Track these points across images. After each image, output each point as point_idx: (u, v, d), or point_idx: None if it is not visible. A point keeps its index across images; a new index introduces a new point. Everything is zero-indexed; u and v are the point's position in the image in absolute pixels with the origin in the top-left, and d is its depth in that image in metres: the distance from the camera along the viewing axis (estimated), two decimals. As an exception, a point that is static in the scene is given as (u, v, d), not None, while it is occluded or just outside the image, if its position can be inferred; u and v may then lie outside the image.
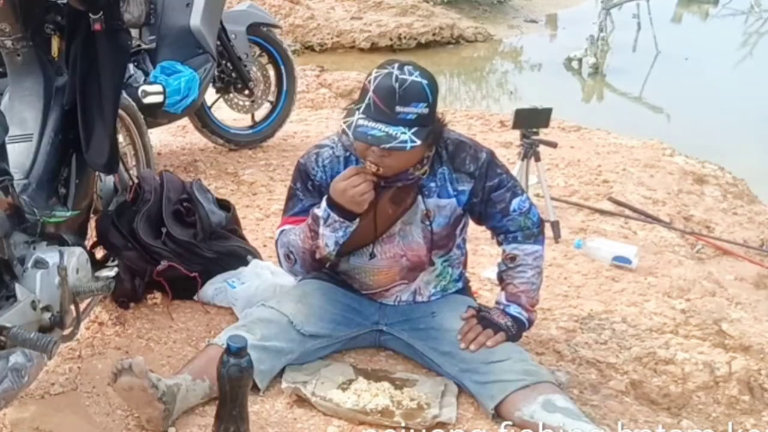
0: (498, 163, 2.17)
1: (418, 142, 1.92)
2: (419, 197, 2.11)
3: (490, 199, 2.14)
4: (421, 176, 2.09)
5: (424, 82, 1.95)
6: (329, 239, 2.06)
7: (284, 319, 2.15)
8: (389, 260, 2.18)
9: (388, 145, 1.91)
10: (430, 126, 1.98)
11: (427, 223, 2.13)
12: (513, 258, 2.17)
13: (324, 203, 2.05)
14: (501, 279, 2.22)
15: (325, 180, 2.13)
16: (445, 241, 2.18)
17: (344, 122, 1.97)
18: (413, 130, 1.92)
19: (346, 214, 2.03)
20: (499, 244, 2.22)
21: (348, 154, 2.13)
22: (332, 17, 8.90)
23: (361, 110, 1.95)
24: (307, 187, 2.15)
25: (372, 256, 2.17)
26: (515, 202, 2.15)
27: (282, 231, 2.18)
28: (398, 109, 1.91)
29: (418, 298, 2.24)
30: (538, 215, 2.21)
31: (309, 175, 2.15)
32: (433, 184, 2.12)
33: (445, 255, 2.21)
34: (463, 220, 2.19)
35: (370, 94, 1.94)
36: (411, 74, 1.94)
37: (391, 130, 1.91)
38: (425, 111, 1.94)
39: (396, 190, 2.10)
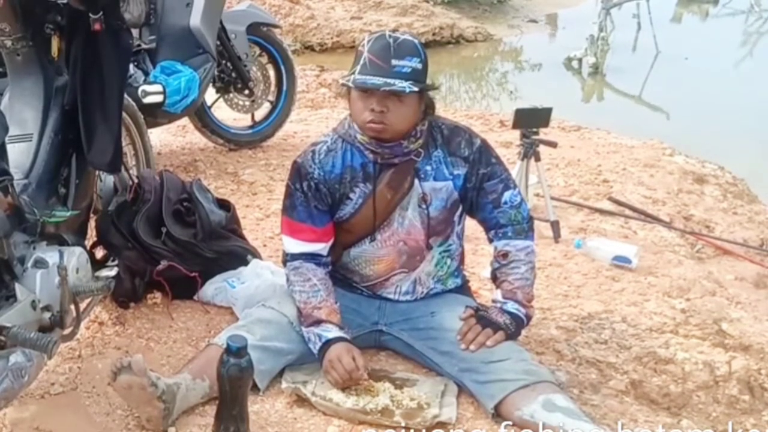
0: (492, 151, 2.21)
1: (416, 89, 2.00)
2: (416, 181, 2.14)
3: (483, 188, 2.17)
4: (416, 155, 2.13)
5: (416, 41, 2.08)
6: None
7: (284, 319, 2.16)
8: (389, 247, 2.20)
9: (387, 88, 1.99)
10: (424, 85, 2.06)
11: (424, 206, 2.15)
12: (505, 255, 2.18)
13: (314, 347, 2.10)
14: (495, 277, 2.23)
15: (322, 176, 2.16)
16: (442, 227, 2.19)
17: (342, 80, 2.07)
18: (408, 82, 2.00)
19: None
20: (490, 241, 2.24)
21: (344, 146, 2.16)
22: (332, 17, 8.90)
23: (357, 71, 2.03)
24: (304, 187, 2.17)
25: (372, 241, 2.19)
26: (507, 195, 2.17)
27: (292, 268, 2.19)
28: (393, 62, 2.00)
29: (419, 289, 2.25)
30: (528, 210, 2.24)
31: (306, 174, 2.16)
32: (428, 167, 2.15)
33: (443, 243, 2.22)
34: (460, 207, 2.21)
35: (365, 54, 2.03)
36: (403, 34, 2.09)
37: (389, 80, 1.99)
38: (419, 66, 2.03)
39: (393, 173, 2.14)
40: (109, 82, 2.05)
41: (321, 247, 2.20)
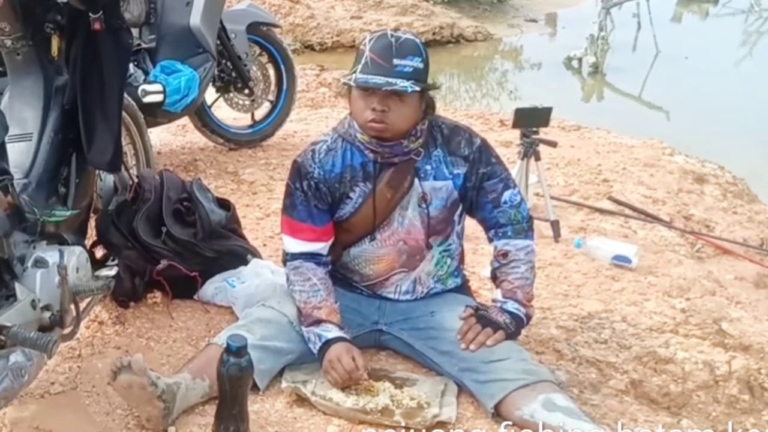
0: (492, 151, 2.21)
1: (418, 88, 2.01)
2: (416, 180, 2.14)
3: (483, 188, 2.17)
4: (416, 154, 2.13)
5: (418, 41, 2.08)
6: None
7: (284, 319, 2.16)
8: (389, 247, 2.20)
9: (390, 88, 1.98)
10: (425, 84, 2.06)
11: (424, 206, 2.15)
12: (505, 254, 2.18)
13: (314, 347, 2.10)
14: (495, 277, 2.23)
15: (322, 175, 2.16)
16: (442, 226, 2.19)
17: (344, 79, 2.07)
18: (410, 82, 2.00)
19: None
20: (490, 240, 2.24)
21: (344, 145, 2.16)
22: (332, 16, 8.90)
23: (359, 70, 2.02)
24: (304, 186, 2.17)
25: (372, 240, 2.19)
26: (507, 194, 2.17)
27: (292, 268, 2.19)
28: (395, 61, 2.00)
29: (419, 288, 2.25)
30: (527, 210, 2.24)
31: (306, 173, 2.16)
32: (428, 167, 2.15)
33: (443, 243, 2.22)
34: (460, 206, 2.21)
35: (367, 53, 2.03)
36: (404, 34, 2.08)
37: (391, 80, 1.99)
38: (421, 65, 2.04)
39: (393, 173, 2.14)
40: (109, 82, 2.05)
41: (321, 247, 2.20)
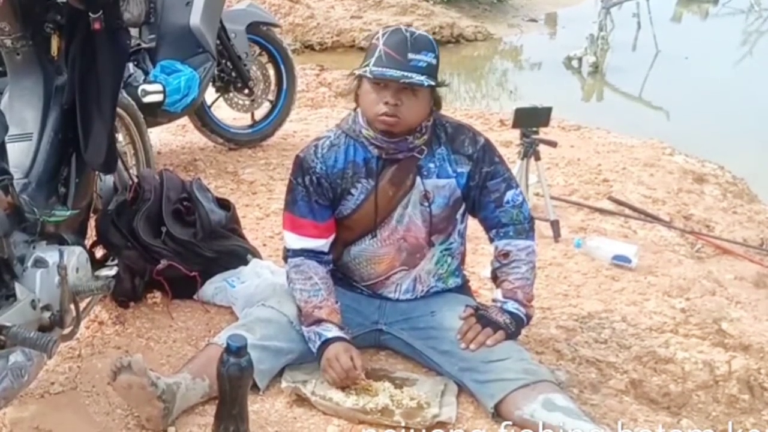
0: (495, 150, 2.21)
1: (433, 82, 2.03)
2: (418, 178, 2.14)
3: (486, 187, 2.17)
4: (419, 151, 2.13)
5: (430, 37, 2.12)
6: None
7: (284, 318, 2.16)
8: (389, 246, 2.20)
9: (407, 81, 1.99)
10: (436, 81, 2.07)
11: (426, 204, 2.15)
12: (506, 254, 2.18)
13: (314, 347, 2.10)
14: (495, 277, 2.23)
15: (324, 171, 2.16)
16: (444, 224, 2.19)
17: (358, 71, 2.06)
18: (424, 77, 2.01)
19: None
20: (491, 240, 2.24)
21: (347, 141, 2.16)
22: (332, 16, 8.89)
23: (372, 63, 2.03)
24: (306, 181, 2.17)
25: (373, 238, 2.19)
26: (509, 194, 2.18)
27: (293, 266, 2.19)
28: (410, 56, 2.01)
29: (419, 287, 2.25)
30: (529, 210, 2.24)
31: (308, 168, 2.17)
32: (432, 165, 2.15)
33: (444, 241, 2.22)
34: (463, 205, 2.21)
35: (380, 47, 2.03)
36: (417, 30, 2.08)
37: (406, 73, 2.00)
38: (434, 61, 2.05)
39: (395, 170, 2.14)
40: (106, 82, 2.05)
41: (322, 243, 2.20)
